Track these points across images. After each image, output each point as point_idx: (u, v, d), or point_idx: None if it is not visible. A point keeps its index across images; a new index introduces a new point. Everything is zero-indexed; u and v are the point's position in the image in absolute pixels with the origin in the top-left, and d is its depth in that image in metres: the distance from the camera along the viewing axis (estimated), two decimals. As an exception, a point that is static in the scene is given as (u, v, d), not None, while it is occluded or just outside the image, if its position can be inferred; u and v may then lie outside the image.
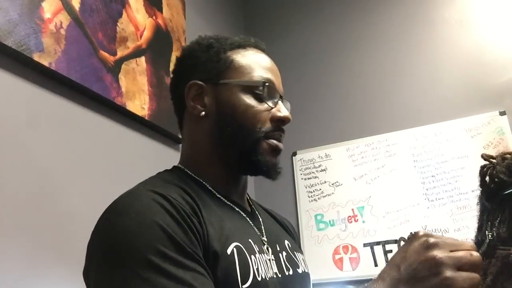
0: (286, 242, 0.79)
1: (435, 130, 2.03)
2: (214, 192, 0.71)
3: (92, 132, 1.25)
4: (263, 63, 0.76)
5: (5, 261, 0.91)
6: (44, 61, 1.08)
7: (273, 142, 0.72)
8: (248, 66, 0.74)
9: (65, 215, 1.09)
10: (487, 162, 0.71)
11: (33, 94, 1.08)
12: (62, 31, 1.15)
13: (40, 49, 1.07)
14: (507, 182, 0.65)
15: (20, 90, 1.05)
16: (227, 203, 0.72)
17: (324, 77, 2.34)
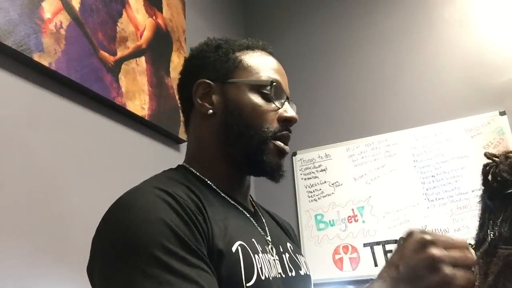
0: (288, 244, 0.80)
1: (435, 130, 2.03)
2: (218, 191, 0.71)
3: (92, 132, 1.25)
4: (270, 64, 0.77)
5: (5, 261, 0.91)
6: (44, 61, 1.08)
7: (280, 144, 0.72)
8: (256, 66, 0.74)
9: (65, 215, 1.09)
10: (489, 161, 0.70)
11: (33, 94, 1.08)
12: (62, 31, 1.15)
13: (40, 49, 1.07)
14: (510, 181, 0.65)
15: (20, 90, 1.05)
16: (231, 202, 0.72)
17: (324, 77, 2.34)
